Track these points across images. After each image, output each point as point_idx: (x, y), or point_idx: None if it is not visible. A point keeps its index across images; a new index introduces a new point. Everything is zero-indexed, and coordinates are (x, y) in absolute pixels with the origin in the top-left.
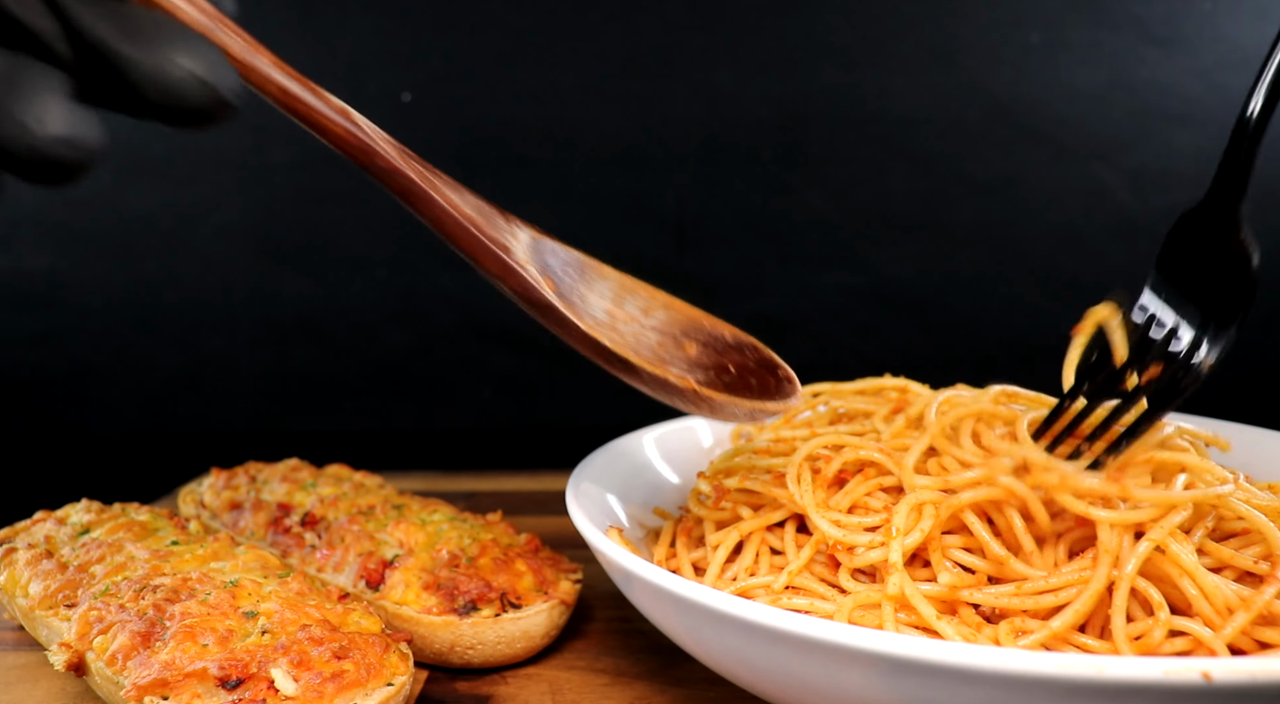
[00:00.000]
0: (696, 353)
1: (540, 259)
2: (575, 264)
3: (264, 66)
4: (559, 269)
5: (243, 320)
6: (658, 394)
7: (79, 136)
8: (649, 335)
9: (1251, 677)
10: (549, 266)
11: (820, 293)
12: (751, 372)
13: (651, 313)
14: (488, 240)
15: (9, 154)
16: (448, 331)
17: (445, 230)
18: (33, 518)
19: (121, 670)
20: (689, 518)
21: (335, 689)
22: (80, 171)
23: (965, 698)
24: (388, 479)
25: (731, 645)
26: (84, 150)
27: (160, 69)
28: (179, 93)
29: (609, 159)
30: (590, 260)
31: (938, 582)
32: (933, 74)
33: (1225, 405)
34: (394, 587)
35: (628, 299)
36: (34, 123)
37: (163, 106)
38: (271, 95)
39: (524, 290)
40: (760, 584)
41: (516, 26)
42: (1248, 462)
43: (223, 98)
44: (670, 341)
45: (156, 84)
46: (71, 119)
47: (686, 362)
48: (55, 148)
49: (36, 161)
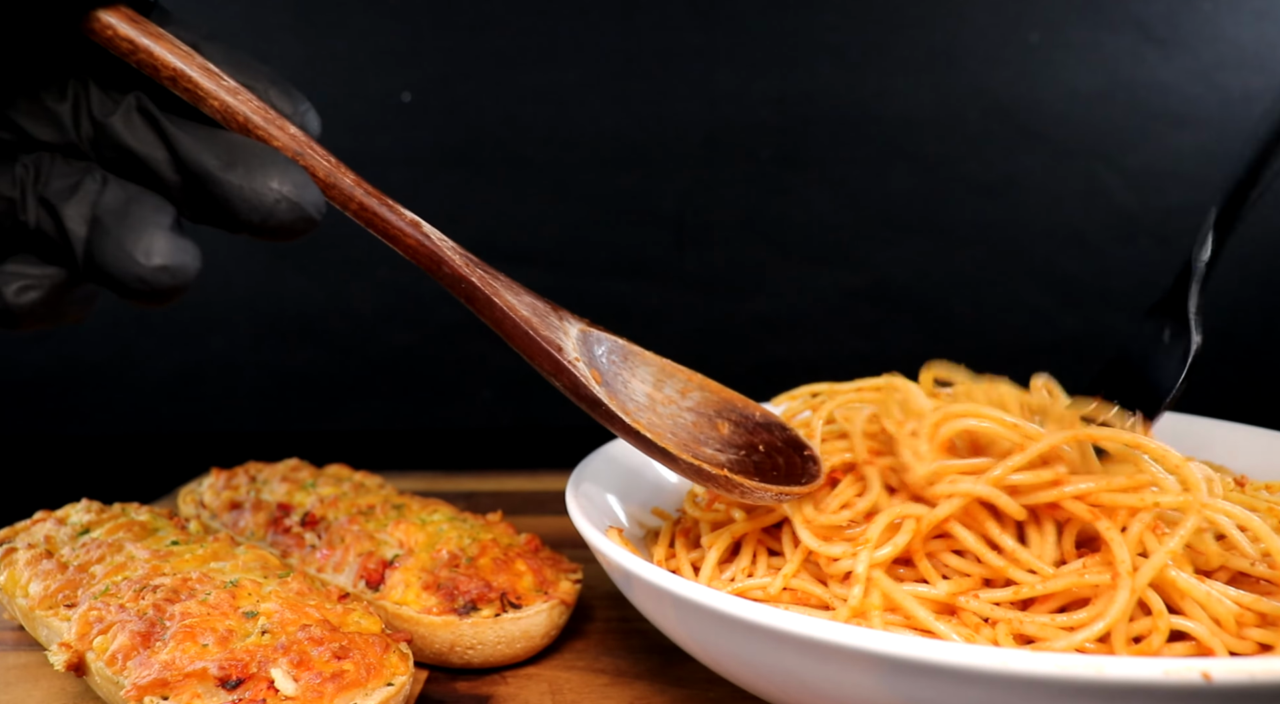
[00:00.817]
0: (729, 432)
1: (588, 351)
2: (619, 351)
3: (345, 185)
4: (604, 358)
5: (243, 320)
6: (694, 480)
7: (178, 263)
8: (685, 416)
9: (1251, 677)
10: (595, 357)
11: (820, 293)
12: (779, 450)
13: (688, 394)
14: (542, 341)
15: (114, 278)
16: (448, 332)
17: (504, 330)
18: (33, 518)
19: (121, 670)
20: (688, 518)
21: (335, 689)
22: (177, 295)
23: (965, 698)
24: (388, 479)
25: (731, 645)
26: (182, 277)
27: (255, 192)
28: (270, 212)
29: (609, 159)
30: (633, 347)
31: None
32: (933, 74)
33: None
34: (394, 587)
35: (667, 382)
36: (141, 255)
37: (254, 224)
38: (351, 210)
39: (574, 387)
40: (757, 585)
41: (516, 26)
42: (1248, 462)
43: (308, 215)
44: (705, 421)
45: (251, 205)
46: (174, 249)
47: (720, 440)
48: (158, 276)
49: (139, 288)
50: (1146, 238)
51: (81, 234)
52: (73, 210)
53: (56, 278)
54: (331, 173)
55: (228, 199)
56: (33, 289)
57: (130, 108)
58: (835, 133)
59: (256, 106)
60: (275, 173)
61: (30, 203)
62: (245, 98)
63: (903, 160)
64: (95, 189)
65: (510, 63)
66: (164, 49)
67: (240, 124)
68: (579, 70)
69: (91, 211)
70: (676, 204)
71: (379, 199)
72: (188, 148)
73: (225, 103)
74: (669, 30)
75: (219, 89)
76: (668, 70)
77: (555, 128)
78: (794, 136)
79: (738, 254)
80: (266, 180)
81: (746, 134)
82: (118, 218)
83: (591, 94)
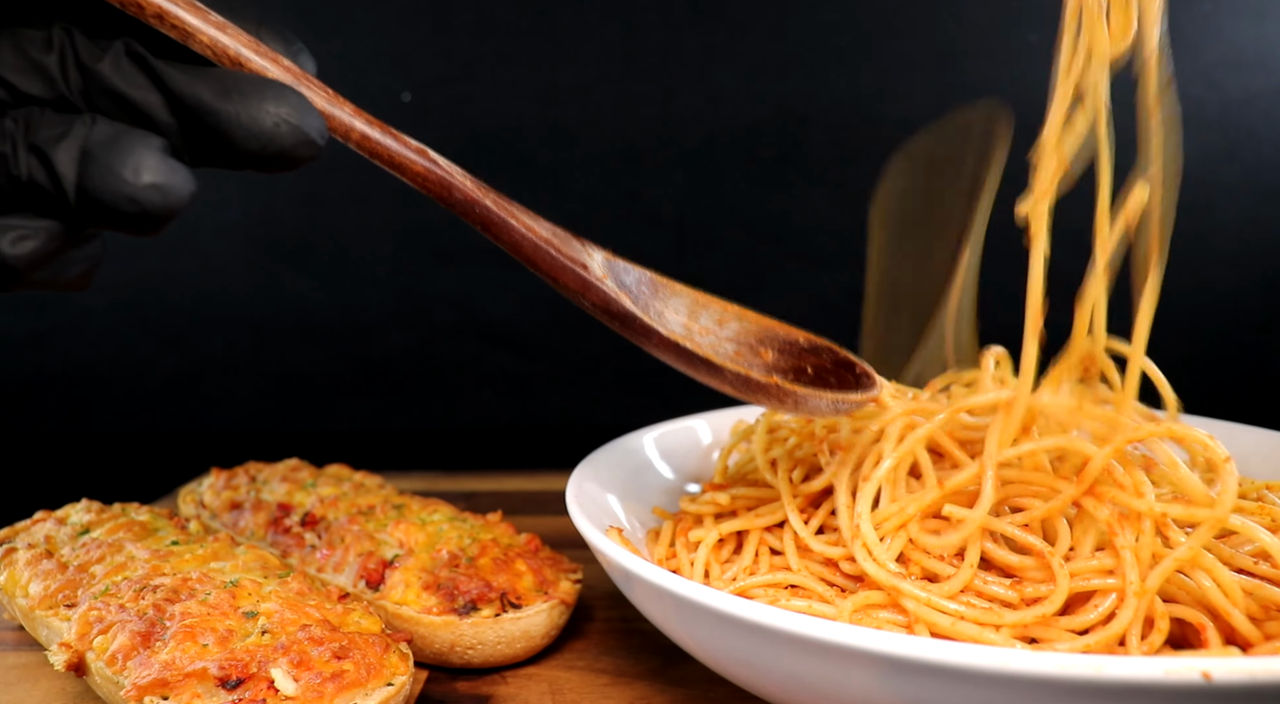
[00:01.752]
0: (774, 358)
1: (616, 276)
2: (648, 282)
3: (345, 115)
4: (633, 286)
5: (243, 320)
6: (741, 393)
7: (169, 184)
8: (726, 346)
9: (1252, 676)
10: (624, 284)
11: (820, 293)
12: (830, 371)
13: (726, 324)
14: (566, 260)
15: (106, 205)
16: (448, 331)
17: (524, 254)
18: (33, 518)
19: (121, 670)
20: (688, 518)
21: (335, 689)
22: (170, 218)
23: (965, 698)
24: (388, 479)
25: (731, 645)
26: (174, 196)
27: (254, 119)
28: (270, 138)
29: (609, 159)
30: (662, 278)
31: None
32: (933, 74)
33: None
34: (394, 587)
35: (702, 313)
36: (130, 173)
37: (255, 153)
38: (354, 141)
39: (604, 303)
40: (759, 583)
41: (516, 26)
42: (1248, 462)
43: (309, 137)
44: (747, 350)
45: (250, 131)
46: (164, 168)
47: (764, 366)
48: (148, 195)
49: (131, 210)
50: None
51: (72, 176)
52: (63, 153)
53: (52, 229)
54: (330, 103)
55: (226, 129)
56: (28, 239)
57: (119, 52)
58: (835, 133)
59: (247, 40)
60: (272, 98)
61: (21, 154)
62: (235, 32)
63: None
64: (84, 131)
65: (510, 63)
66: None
67: (232, 59)
68: (579, 70)
69: (81, 149)
70: (676, 204)
71: (381, 128)
72: (180, 84)
73: (214, 38)
74: (669, 30)
75: (206, 25)
76: (668, 70)
77: (555, 128)
78: (794, 136)
79: (738, 254)
80: (264, 105)
81: (746, 134)
82: (106, 147)
83: (591, 94)
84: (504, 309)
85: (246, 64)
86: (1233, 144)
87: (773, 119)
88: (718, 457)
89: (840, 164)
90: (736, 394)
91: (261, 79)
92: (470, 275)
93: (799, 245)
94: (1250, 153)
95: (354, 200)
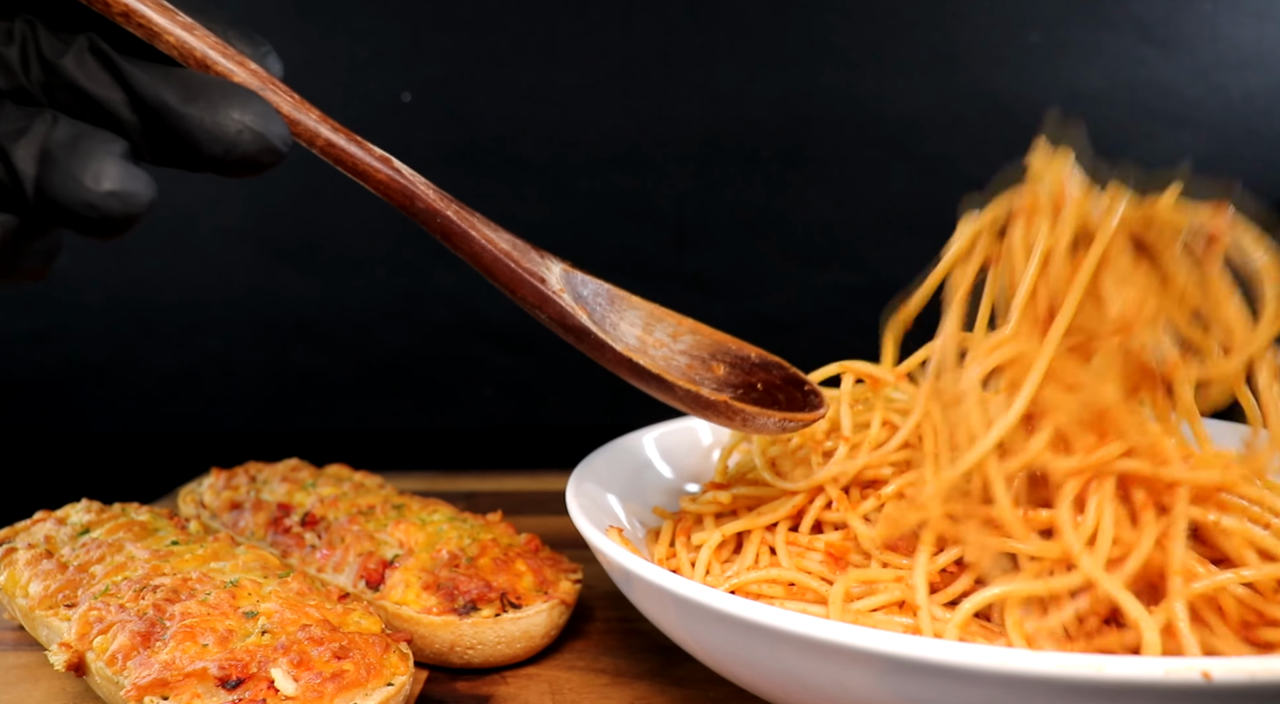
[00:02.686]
0: (724, 373)
1: (573, 289)
2: (605, 294)
3: (310, 122)
4: (590, 299)
5: (242, 320)
6: (691, 409)
7: (129, 191)
8: (678, 359)
9: (1251, 676)
10: (581, 297)
11: (820, 293)
12: (779, 388)
13: (679, 337)
14: (524, 272)
15: (65, 209)
16: (448, 331)
17: (483, 264)
18: (33, 518)
19: (121, 670)
20: (688, 517)
21: (335, 689)
22: (129, 224)
23: (965, 698)
24: (388, 479)
25: (731, 645)
26: (134, 204)
27: (218, 124)
28: (234, 143)
29: (609, 159)
30: (619, 291)
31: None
32: (933, 74)
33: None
34: (394, 587)
35: (656, 326)
36: (90, 180)
37: (218, 158)
38: (318, 147)
39: (560, 317)
40: (756, 580)
41: (516, 26)
42: None
43: (273, 145)
44: (699, 363)
45: (213, 136)
46: (124, 176)
47: (715, 381)
48: (107, 202)
49: (91, 216)
50: None
51: (31, 173)
52: (22, 151)
53: (8, 223)
54: (296, 108)
55: (189, 132)
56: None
57: (83, 48)
58: (835, 133)
59: (214, 42)
60: (237, 103)
61: None
62: (202, 34)
63: (903, 160)
64: (45, 129)
65: (510, 63)
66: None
67: (198, 61)
68: (579, 70)
69: (40, 148)
70: (676, 204)
71: (346, 135)
72: (144, 84)
73: (181, 39)
74: (669, 30)
75: (174, 25)
76: (668, 70)
77: (555, 128)
78: (794, 136)
79: (738, 254)
80: (229, 111)
81: (746, 134)
82: (67, 149)
83: (591, 94)
84: (504, 309)
85: (213, 67)
86: (1233, 144)
87: (773, 119)
88: (718, 457)
89: (840, 164)
90: (686, 410)
91: (227, 83)
92: (470, 275)
93: (799, 245)
94: (1250, 153)
95: (354, 200)
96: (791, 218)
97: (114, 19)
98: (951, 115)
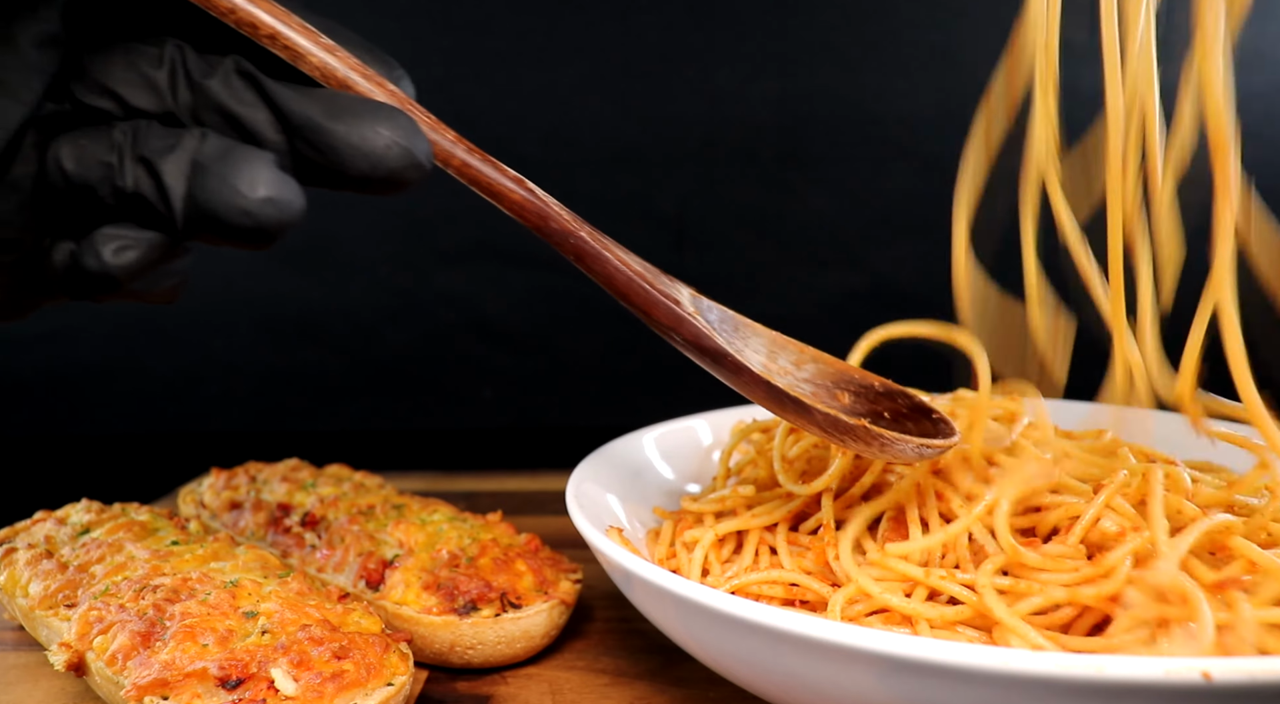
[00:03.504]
0: (850, 401)
1: (703, 313)
2: (730, 320)
3: (446, 142)
4: (717, 323)
5: (243, 320)
6: (829, 435)
7: (284, 198)
8: (803, 386)
9: (1251, 677)
10: (709, 321)
11: (820, 293)
12: (906, 416)
13: (803, 366)
14: (658, 294)
15: (217, 218)
16: (448, 331)
17: (616, 286)
18: (33, 518)
19: (121, 670)
20: (688, 517)
21: (335, 689)
22: (282, 232)
23: (965, 698)
24: (388, 479)
25: (732, 645)
26: (289, 211)
27: (364, 139)
28: (380, 159)
29: (609, 159)
30: (742, 318)
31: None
32: (933, 74)
33: None
34: (394, 587)
35: (780, 353)
36: (245, 186)
37: (364, 175)
38: (454, 167)
39: (695, 338)
40: (757, 581)
41: (516, 26)
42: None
43: (418, 161)
44: (824, 391)
45: (360, 152)
46: (278, 182)
47: (842, 410)
48: (263, 208)
49: (245, 224)
50: None
51: (180, 189)
52: (171, 165)
53: (153, 240)
54: (434, 129)
55: (335, 148)
56: (130, 249)
57: (229, 70)
58: (835, 133)
59: (355, 64)
60: (384, 119)
61: (128, 165)
62: (343, 56)
63: (903, 160)
64: (194, 144)
65: (510, 63)
66: (260, 8)
67: (340, 81)
68: (579, 70)
69: (191, 162)
70: (676, 204)
71: (481, 156)
72: (290, 103)
73: (324, 61)
74: (669, 30)
75: (317, 47)
76: (668, 70)
77: (555, 128)
78: (794, 136)
79: (738, 254)
80: (375, 126)
81: (746, 134)
82: (219, 159)
83: (591, 94)
84: (504, 309)
85: (354, 87)
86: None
87: (773, 119)
88: (718, 457)
89: (840, 164)
90: (823, 435)
91: (371, 101)
92: (470, 275)
93: (799, 245)
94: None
95: (354, 200)
96: (791, 218)
97: (260, 42)
98: (951, 115)
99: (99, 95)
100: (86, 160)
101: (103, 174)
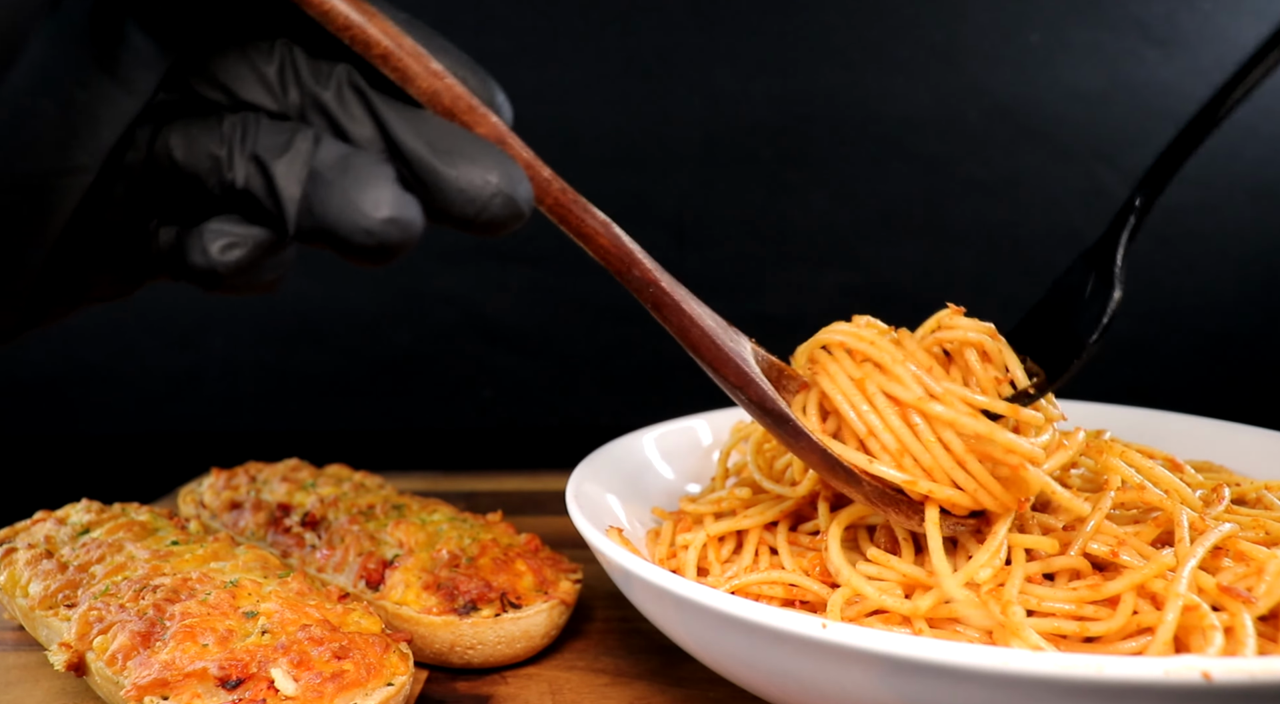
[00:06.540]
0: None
1: (762, 365)
2: (775, 368)
3: (542, 180)
4: (767, 373)
5: (243, 320)
6: (875, 504)
7: (407, 218)
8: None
9: (1251, 677)
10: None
11: (820, 293)
12: None
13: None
14: (728, 352)
15: (337, 234)
16: (448, 331)
17: (689, 340)
18: (33, 518)
19: (121, 670)
20: (688, 517)
21: (335, 689)
22: (403, 251)
23: (965, 698)
24: (388, 479)
25: (731, 645)
26: (411, 231)
27: (472, 185)
28: (485, 206)
29: (609, 159)
30: (783, 365)
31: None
32: (933, 74)
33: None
34: (394, 587)
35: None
36: (370, 206)
37: (468, 218)
38: (546, 206)
39: (760, 400)
40: (757, 581)
41: (516, 26)
42: (1248, 462)
43: (521, 211)
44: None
45: (467, 197)
46: (401, 202)
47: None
48: (386, 229)
49: (366, 243)
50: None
51: (295, 193)
52: (285, 168)
53: (261, 237)
54: (531, 164)
55: (441, 189)
56: (237, 247)
57: (342, 81)
58: (835, 133)
59: (460, 92)
60: (491, 163)
61: (238, 160)
62: (450, 83)
63: (903, 160)
64: (308, 147)
65: (510, 63)
66: (376, 28)
67: (445, 108)
68: (579, 70)
69: (307, 169)
70: (676, 204)
71: (573, 195)
72: (399, 129)
73: (432, 86)
74: (669, 30)
75: (425, 72)
76: (668, 70)
77: (555, 128)
78: (794, 136)
79: (738, 254)
80: (483, 172)
81: (746, 134)
82: (340, 171)
83: (591, 94)
84: (504, 309)
85: (459, 117)
86: (1233, 144)
87: (773, 119)
88: (718, 457)
89: (840, 164)
90: (869, 505)
91: (478, 140)
92: (470, 275)
93: (799, 245)
94: (1250, 153)
95: None
96: (791, 218)
97: (371, 60)
98: (951, 115)
99: (209, 86)
100: (196, 152)
101: (211, 166)
